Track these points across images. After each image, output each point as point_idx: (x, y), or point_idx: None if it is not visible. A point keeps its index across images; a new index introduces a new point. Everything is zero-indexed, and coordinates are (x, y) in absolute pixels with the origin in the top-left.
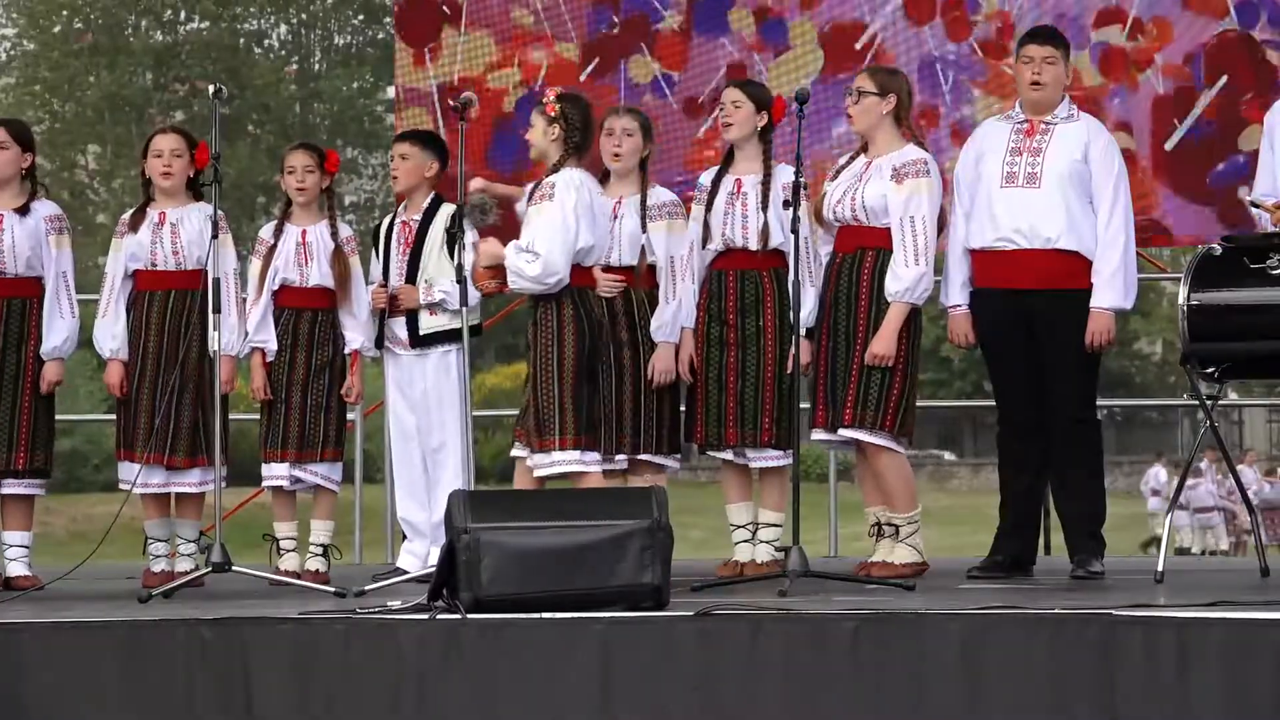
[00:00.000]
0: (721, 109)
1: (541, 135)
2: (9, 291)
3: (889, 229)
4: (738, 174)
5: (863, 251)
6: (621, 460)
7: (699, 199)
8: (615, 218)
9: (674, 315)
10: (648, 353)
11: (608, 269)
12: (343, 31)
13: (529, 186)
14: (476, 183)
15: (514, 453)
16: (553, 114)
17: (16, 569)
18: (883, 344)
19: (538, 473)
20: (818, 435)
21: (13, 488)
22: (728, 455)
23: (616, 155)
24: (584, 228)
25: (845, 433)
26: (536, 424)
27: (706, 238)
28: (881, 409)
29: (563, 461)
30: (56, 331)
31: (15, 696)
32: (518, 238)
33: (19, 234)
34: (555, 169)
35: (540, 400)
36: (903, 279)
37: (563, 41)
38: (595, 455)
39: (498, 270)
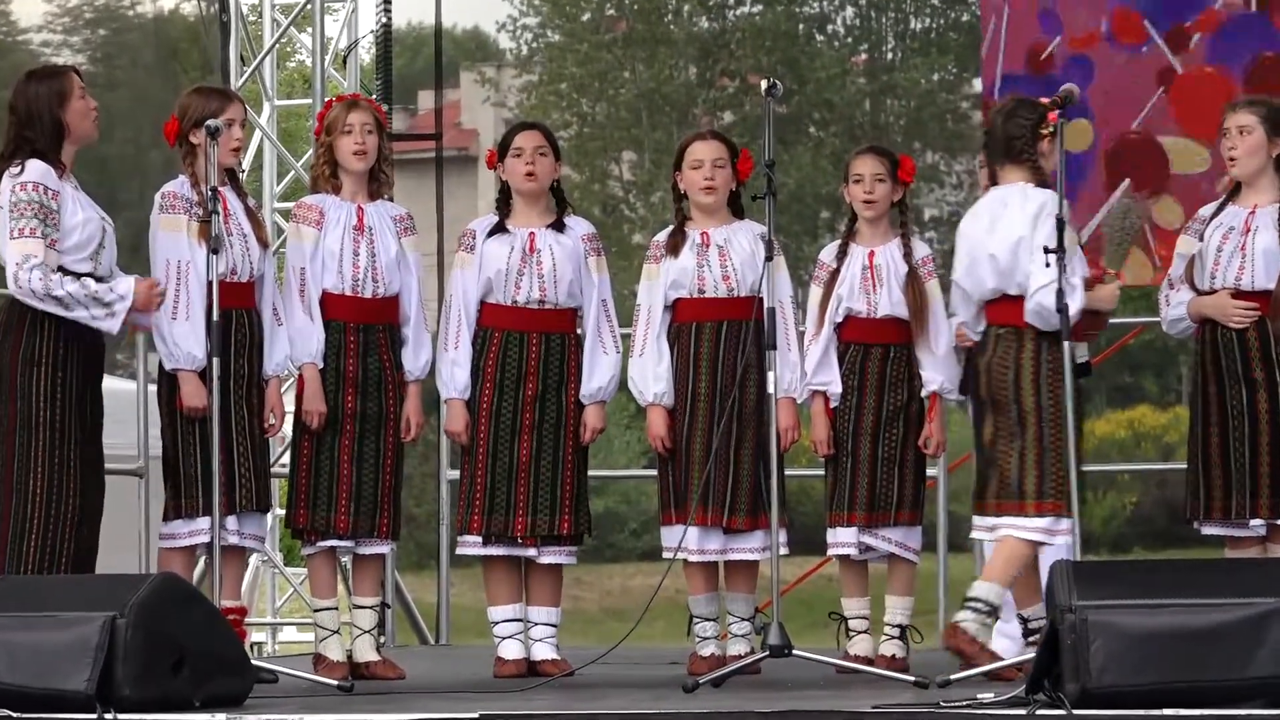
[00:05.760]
0: None
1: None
2: (548, 325)
3: None
4: None
5: None
6: (1258, 526)
7: None
8: (1247, 231)
9: None
10: None
11: (1239, 294)
12: (920, 14)
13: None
14: None
15: (977, 534)
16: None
17: (543, 651)
18: None
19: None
20: None
21: (551, 556)
22: None
23: (1232, 159)
24: None
25: None
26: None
27: None
28: None
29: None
30: (600, 370)
31: None
32: None
33: (559, 255)
34: None
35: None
36: None
37: None
38: None
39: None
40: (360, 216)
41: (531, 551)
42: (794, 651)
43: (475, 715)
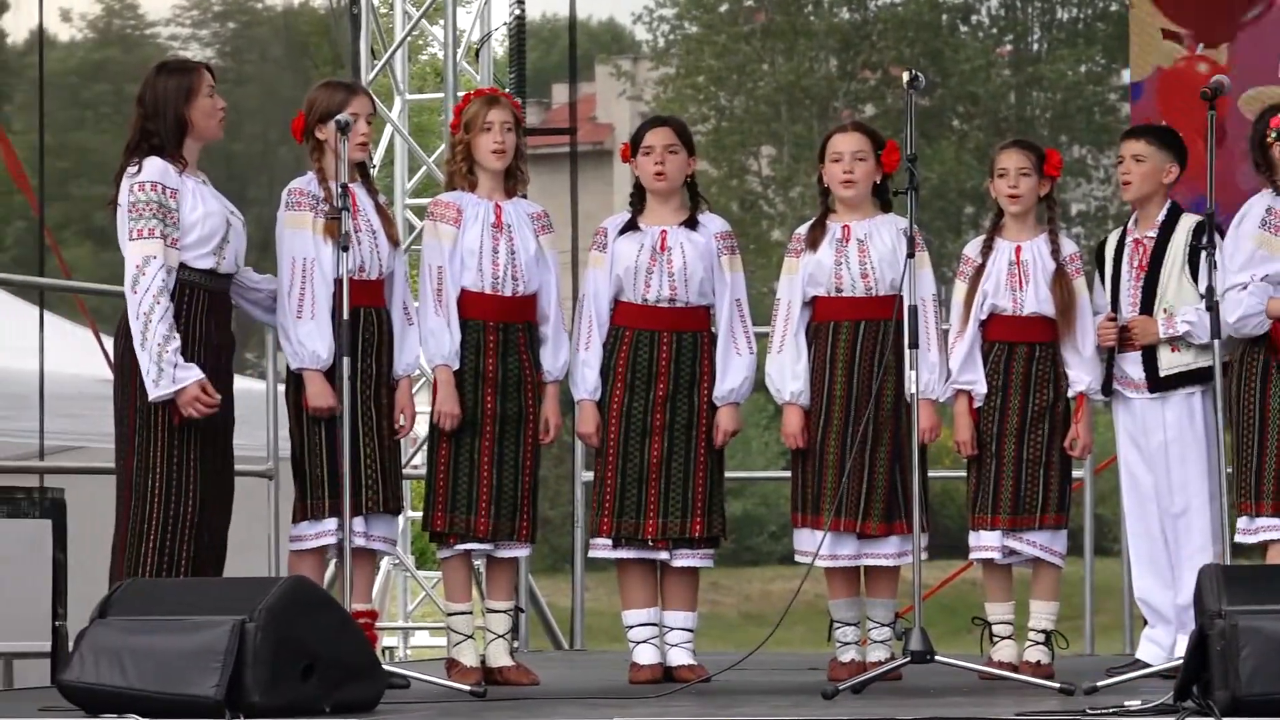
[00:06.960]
0: None
1: None
2: (679, 323)
3: None
4: None
5: None
6: None
7: None
8: None
9: None
10: None
11: None
12: (1067, 4)
13: None
14: None
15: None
16: None
17: (679, 656)
18: None
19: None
20: None
21: (684, 559)
22: None
23: None
24: None
25: None
26: None
27: None
28: None
29: None
30: (734, 371)
31: None
32: None
33: (690, 255)
34: None
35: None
36: None
37: None
38: None
39: None
40: (498, 214)
41: (663, 555)
42: (936, 657)
43: None
